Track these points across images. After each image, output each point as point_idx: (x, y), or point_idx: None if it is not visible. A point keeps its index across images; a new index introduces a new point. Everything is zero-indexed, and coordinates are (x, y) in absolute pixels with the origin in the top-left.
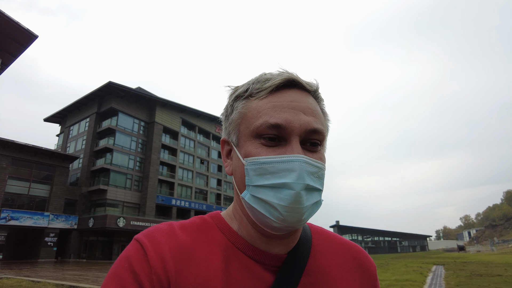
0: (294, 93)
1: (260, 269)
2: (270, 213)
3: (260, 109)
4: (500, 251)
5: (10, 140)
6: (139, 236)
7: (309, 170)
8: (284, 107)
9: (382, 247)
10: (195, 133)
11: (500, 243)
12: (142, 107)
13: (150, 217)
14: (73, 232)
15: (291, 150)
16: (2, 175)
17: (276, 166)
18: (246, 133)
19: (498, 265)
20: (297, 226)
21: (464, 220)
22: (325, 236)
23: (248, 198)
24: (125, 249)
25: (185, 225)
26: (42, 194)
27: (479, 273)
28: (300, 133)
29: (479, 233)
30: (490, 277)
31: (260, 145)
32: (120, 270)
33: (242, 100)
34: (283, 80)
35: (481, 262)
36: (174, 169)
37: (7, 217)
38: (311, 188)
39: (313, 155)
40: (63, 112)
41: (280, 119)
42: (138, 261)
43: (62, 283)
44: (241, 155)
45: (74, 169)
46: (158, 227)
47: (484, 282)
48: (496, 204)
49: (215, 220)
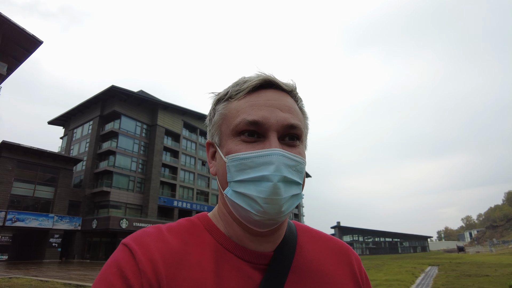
0: (271, 93)
1: (249, 269)
2: (251, 207)
3: (238, 109)
4: (498, 252)
5: (16, 143)
6: (127, 240)
7: (287, 163)
8: (261, 105)
9: (383, 248)
10: (197, 135)
11: (500, 244)
12: (145, 110)
13: (152, 219)
14: (77, 233)
15: (269, 145)
16: (8, 177)
17: (255, 160)
18: (227, 132)
19: (490, 266)
20: (278, 219)
21: (466, 220)
22: (310, 233)
23: (230, 194)
24: (112, 254)
25: (173, 227)
26: (46, 196)
27: (468, 274)
28: (277, 128)
29: (480, 234)
30: (477, 277)
31: (240, 142)
32: (109, 276)
33: (222, 103)
34: (260, 81)
35: (475, 263)
36: (176, 171)
37: (13, 218)
38: (289, 181)
39: (291, 149)
40: (66, 115)
41: (257, 116)
42: (127, 265)
43: (69, 282)
44: (223, 154)
45: (78, 171)
46: (145, 231)
47: (469, 282)
48: (497, 205)
49: (202, 222)
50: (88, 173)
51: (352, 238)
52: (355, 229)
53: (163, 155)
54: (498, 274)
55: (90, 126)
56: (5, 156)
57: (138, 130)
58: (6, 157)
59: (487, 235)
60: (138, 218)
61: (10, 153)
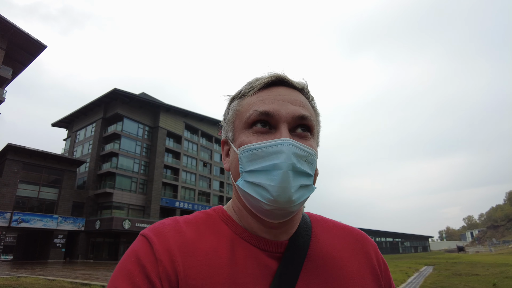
0: (282, 89)
1: (265, 257)
2: (261, 196)
3: (250, 103)
4: (498, 252)
5: (21, 146)
6: (145, 231)
7: (297, 153)
8: (272, 99)
9: (384, 248)
10: (198, 136)
11: (501, 244)
12: (147, 112)
13: (154, 219)
14: (81, 233)
15: (280, 136)
16: (13, 179)
17: (265, 150)
18: (239, 126)
19: (484, 265)
20: (288, 208)
21: (467, 220)
22: (324, 223)
23: (242, 185)
24: (131, 245)
25: (190, 219)
26: (51, 197)
27: (460, 273)
28: (288, 120)
29: (481, 234)
30: (467, 276)
31: (252, 134)
32: (127, 264)
33: (236, 100)
34: (271, 78)
35: (470, 263)
36: (178, 172)
37: (19, 219)
38: (299, 171)
39: (302, 141)
40: (70, 117)
41: (268, 108)
42: (144, 254)
43: (75, 281)
44: (236, 147)
45: (81, 173)
46: (163, 222)
47: (457, 281)
48: (499, 205)
49: (218, 213)
50: (91, 174)
51: None
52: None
53: (165, 157)
54: (488, 273)
55: (93, 128)
56: (10, 159)
57: (140, 132)
58: (11, 159)
59: (488, 235)
60: (140, 219)
61: (15, 156)
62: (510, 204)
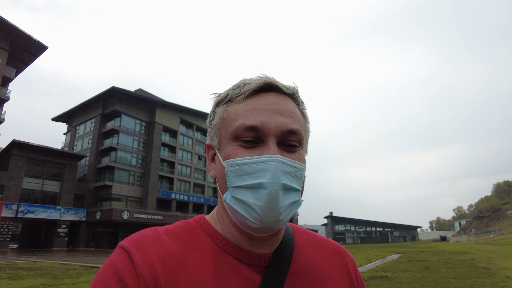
0: (272, 96)
1: (249, 271)
2: (248, 214)
3: (237, 112)
4: (475, 241)
5: (25, 142)
6: (124, 243)
7: (285, 170)
8: (260, 110)
9: (374, 237)
10: (193, 131)
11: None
12: (143, 108)
13: (151, 210)
14: (82, 224)
15: (268, 151)
16: (19, 173)
17: (252, 166)
18: (225, 136)
19: (445, 254)
20: (275, 227)
21: (457, 211)
22: (306, 235)
23: (229, 200)
24: (109, 257)
25: (171, 230)
26: (53, 190)
27: (414, 259)
28: (276, 134)
29: (467, 224)
30: (417, 262)
31: (239, 147)
32: (105, 279)
33: (222, 105)
34: (260, 84)
35: (437, 251)
36: (174, 165)
37: (24, 210)
38: (288, 188)
39: (291, 155)
40: (69, 112)
41: (255, 121)
42: (124, 269)
43: (85, 264)
44: (222, 158)
45: (82, 166)
46: (143, 234)
47: (401, 266)
48: (487, 196)
49: (200, 224)
50: (91, 168)
51: (345, 227)
52: (347, 219)
53: (161, 151)
54: (435, 259)
55: (92, 124)
56: (16, 154)
57: (137, 128)
58: (16, 154)
59: (474, 225)
60: (138, 210)
61: (20, 151)
62: (496, 196)
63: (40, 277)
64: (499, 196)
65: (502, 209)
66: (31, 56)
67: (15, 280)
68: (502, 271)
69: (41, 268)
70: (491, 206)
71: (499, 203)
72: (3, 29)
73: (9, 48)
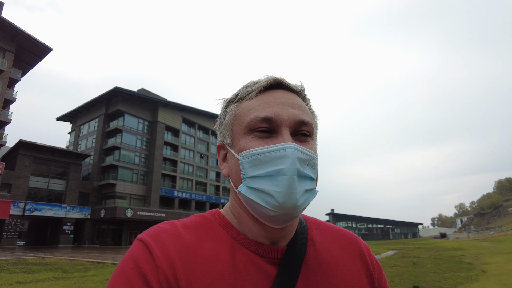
0: (281, 92)
1: (264, 263)
2: (266, 202)
3: (250, 107)
4: (474, 238)
5: (32, 142)
6: (143, 236)
7: (301, 157)
8: (272, 103)
9: (375, 234)
10: (195, 130)
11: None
12: (146, 108)
13: (154, 208)
14: (87, 221)
15: (282, 140)
16: (25, 172)
17: (269, 155)
18: (239, 131)
19: (438, 250)
20: (293, 213)
21: (459, 208)
22: (319, 225)
23: (244, 191)
24: (129, 250)
25: (187, 224)
26: (59, 188)
27: (408, 256)
28: (289, 124)
29: (468, 221)
30: (409, 258)
31: (253, 139)
32: (126, 270)
33: (233, 104)
34: (270, 81)
35: (433, 248)
36: (176, 163)
37: (31, 208)
38: (303, 176)
39: (304, 145)
40: (73, 112)
41: (270, 113)
42: (144, 261)
43: (91, 260)
44: (236, 152)
45: (86, 165)
46: (161, 227)
47: (392, 261)
48: (489, 193)
49: (216, 218)
50: (95, 167)
51: (346, 224)
52: (348, 216)
53: (163, 150)
54: (427, 255)
55: (96, 124)
56: (22, 153)
57: (140, 127)
58: (23, 154)
59: (475, 222)
60: (141, 207)
61: (26, 151)
62: (498, 193)
63: (51, 271)
64: (500, 193)
65: (503, 206)
66: (36, 58)
67: (29, 273)
68: (482, 266)
69: (50, 264)
70: (493, 203)
71: (501, 200)
72: (9, 32)
73: (15, 51)
